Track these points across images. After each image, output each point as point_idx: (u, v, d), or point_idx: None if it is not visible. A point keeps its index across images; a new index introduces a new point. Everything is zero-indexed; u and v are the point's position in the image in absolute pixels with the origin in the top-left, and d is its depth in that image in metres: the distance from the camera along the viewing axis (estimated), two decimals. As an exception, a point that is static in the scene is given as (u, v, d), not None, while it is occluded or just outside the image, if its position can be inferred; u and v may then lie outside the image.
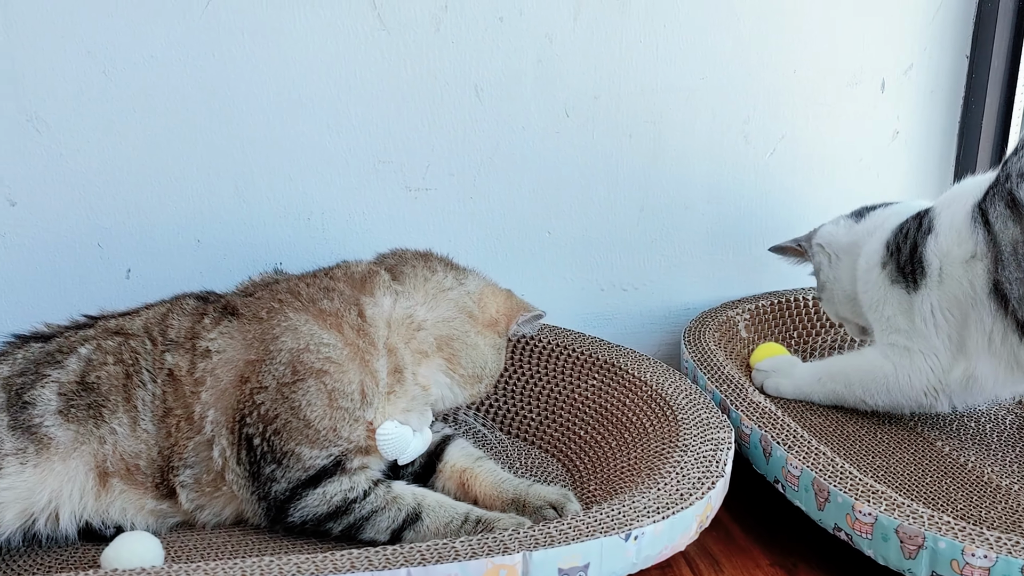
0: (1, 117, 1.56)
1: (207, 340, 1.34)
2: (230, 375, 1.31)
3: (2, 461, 1.25)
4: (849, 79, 1.98)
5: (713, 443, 1.36)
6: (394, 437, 1.34)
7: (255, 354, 1.32)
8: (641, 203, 1.91)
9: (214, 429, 1.31)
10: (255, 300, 1.39)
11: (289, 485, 1.29)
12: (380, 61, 1.72)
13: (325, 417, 1.29)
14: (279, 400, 1.29)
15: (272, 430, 1.29)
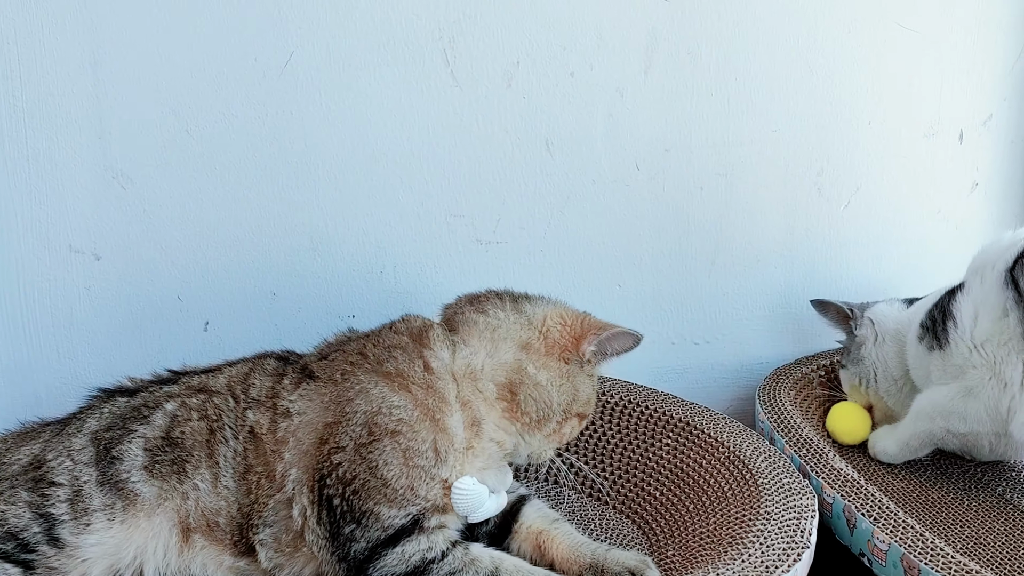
0: (89, 174, 1.61)
1: (287, 401, 1.36)
2: (310, 437, 1.33)
3: (91, 517, 1.28)
4: (926, 130, 1.96)
5: (796, 511, 1.34)
6: (469, 493, 1.33)
7: (332, 416, 1.33)
8: (712, 256, 1.91)
9: (295, 488, 1.32)
10: (330, 363, 1.40)
11: (368, 544, 1.29)
12: (452, 116, 1.74)
13: (402, 476, 1.30)
14: (357, 460, 1.30)
15: (351, 490, 1.30)
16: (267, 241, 1.71)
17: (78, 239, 1.64)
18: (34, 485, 1.31)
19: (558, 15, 1.74)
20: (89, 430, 1.36)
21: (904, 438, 1.63)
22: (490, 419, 1.39)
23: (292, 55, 1.65)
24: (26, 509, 1.29)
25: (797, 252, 1.95)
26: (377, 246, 1.75)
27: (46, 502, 1.29)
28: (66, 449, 1.34)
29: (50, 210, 1.62)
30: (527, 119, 1.78)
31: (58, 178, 1.61)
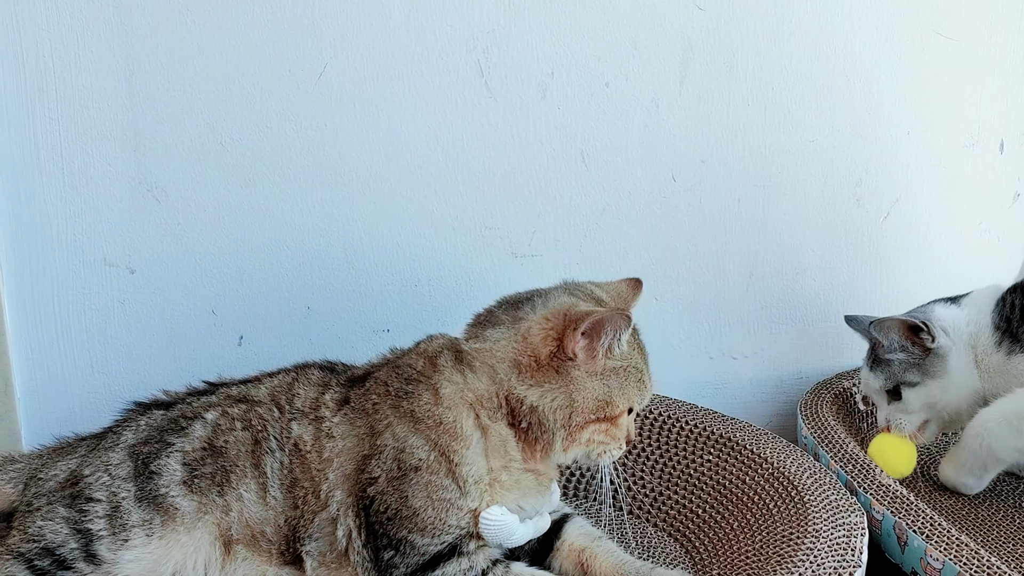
0: (123, 186, 1.62)
1: (330, 422, 1.35)
2: (351, 464, 1.32)
3: (129, 532, 1.27)
4: (966, 140, 1.94)
5: (846, 528, 1.32)
6: (497, 523, 1.29)
7: (367, 448, 1.32)
8: (751, 269, 1.89)
9: (339, 509, 1.31)
10: (364, 392, 1.37)
11: (408, 570, 1.29)
12: (487, 128, 1.74)
13: (428, 508, 1.28)
14: (389, 492, 1.30)
15: (387, 518, 1.30)
16: (301, 254, 1.70)
17: (113, 252, 1.64)
18: (71, 501, 1.30)
19: (592, 25, 1.73)
20: (126, 444, 1.35)
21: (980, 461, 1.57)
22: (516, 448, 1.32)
23: (326, 66, 1.65)
24: (63, 525, 1.28)
25: (836, 264, 1.93)
26: (412, 259, 1.74)
27: (84, 518, 1.28)
28: (103, 464, 1.33)
29: (85, 223, 1.62)
30: (562, 130, 1.77)
31: (93, 191, 1.61)
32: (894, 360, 1.63)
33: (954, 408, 1.62)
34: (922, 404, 1.62)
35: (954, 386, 1.61)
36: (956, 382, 1.61)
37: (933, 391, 1.61)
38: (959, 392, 1.61)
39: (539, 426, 1.28)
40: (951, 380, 1.61)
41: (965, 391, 1.61)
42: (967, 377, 1.61)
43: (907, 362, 1.62)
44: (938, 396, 1.61)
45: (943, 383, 1.61)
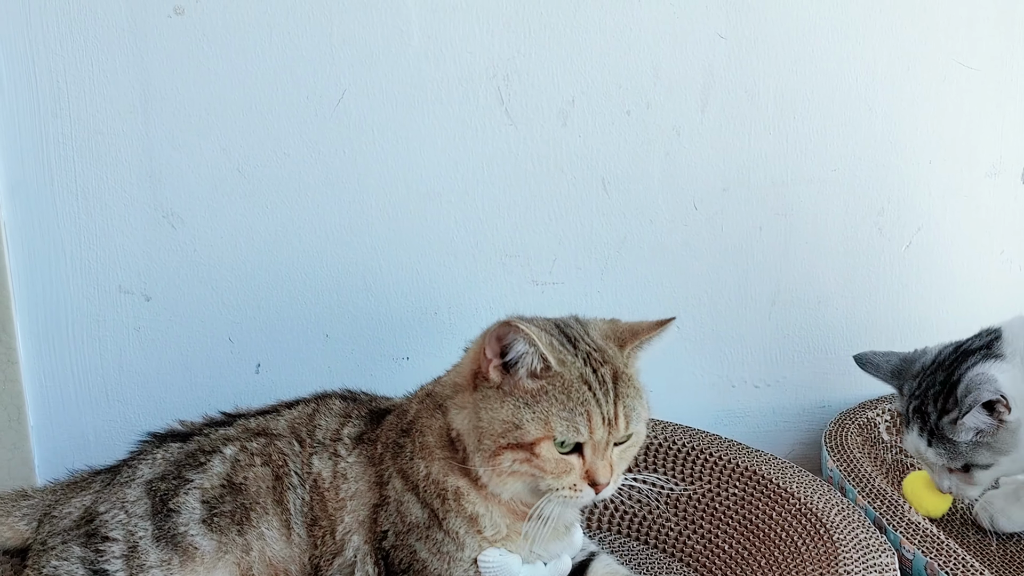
0: (139, 213, 1.61)
1: (346, 463, 1.33)
2: (365, 511, 1.31)
3: (147, 574, 1.25)
4: (988, 169, 1.94)
5: (877, 570, 1.30)
6: (496, 565, 1.27)
7: (376, 498, 1.31)
8: (772, 297, 1.88)
9: (356, 555, 1.30)
10: (373, 438, 1.35)
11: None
12: (507, 155, 1.73)
13: (435, 559, 1.27)
14: (400, 545, 1.29)
15: (401, 571, 1.29)
16: (319, 282, 1.69)
17: (128, 279, 1.62)
18: (87, 540, 1.28)
19: (614, 52, 1.72)
20: (143, 479, 1.33)
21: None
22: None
23: (345, 93, 1.64)
24: (79, 565, 1.26)
25: (858, 293, 1.91)
26: (431, 286, 1.73)
27: (100, 558, 1.26)
28: (119, 501, 1.31)
29: (99, 250, 1.61)
30: (583, 158, 1.76)
31: (107, 217, 1.60)
32: (960, 442, 1.47)
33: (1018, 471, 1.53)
34: (992, 479, 1.52)
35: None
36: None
37: (1005, 466, 1.49)
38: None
39: (464, 453, 1.24)
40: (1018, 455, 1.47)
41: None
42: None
43: (976, 443, 1.46)
44: (1008, 468, 1.50)
45: (1015, 456, 1.47)
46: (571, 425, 1.18)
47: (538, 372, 1.20)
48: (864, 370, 1.62)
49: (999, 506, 1.58)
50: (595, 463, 1.20)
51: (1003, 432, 1.44)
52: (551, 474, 1.20)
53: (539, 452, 1.19)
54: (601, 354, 1.25)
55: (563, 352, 1.22)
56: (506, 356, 1.20)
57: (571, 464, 1.20)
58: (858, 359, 1.62)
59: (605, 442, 1.21)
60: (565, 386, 1.20)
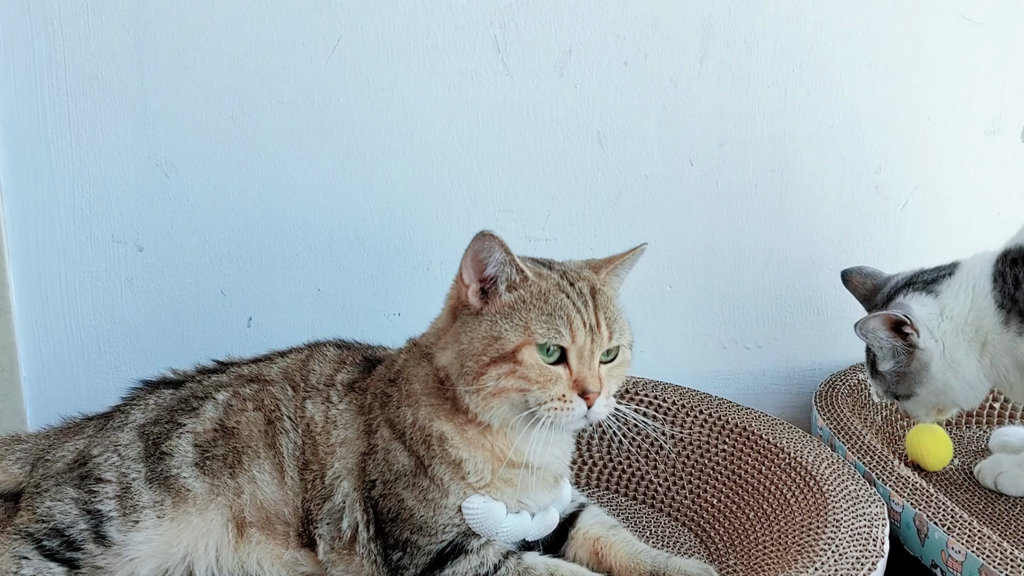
0: (133, 161, 1.61)
1: (336, 410, 1.35)
2: (354, 459, 1.33)
3: (140, 514, 1.27)
4: (987, 127, 1.94)
5: (867, 519, 1.32)
6: (480, 512, 1.29)
7: (365, 447, 1.33)
8: (766, 256, 1.88)
9: (345, 501, 1.31)
10: (364, 387, 1.37)
11: (418, 571, 1.29)
12: (503, 106, 1.72)
13: (420, 507, 1.29)
14: (388, 494, 1.30)
15: (389, 520, 1.30)
16: (312, 234, 1.69)
17: (121, 229, 1.63)
18: (80, 481, 1.30)
19: (612, 2, 1.72)
20: (135, 424, 1.35)
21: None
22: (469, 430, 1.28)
23: (340, 40, 1.63)
24: (73, 506, 1.28)
25: (852, 253, 1.91)
26: (424, 241, 1.74)
27: (93, 498, 1.28)
28: (112, 444, 1.33)
29: (93, 198, 1.61)
30: (579, 110, 1.75)
31: (101, 164, 1.60)
32: (885, 372, 1.58)
33: (959, 403, 1.57)
34: (925, 407, 1.58)
35: (947, 387, 1.54)
36: (947, 382, 1.54)
37: (927, 398, 1.56)
38: (955, 389, 1.54)
39: (453, 389, 1.25)
40: (939, 382, 1.54)
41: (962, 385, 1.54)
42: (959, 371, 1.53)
43: (896, 372, 1.56)
44: (933, 401, 1.56)
45: (932, 387, 1.54)
46: (551, 327, 1.20)
47: (516, 283, 1.23)
48: (845, 286, 1.70)
49: (1006, 468, 1.59)
50: (583, 371, 1.22)
51: (915, 363, 1.53)
52: (537, 384, 1.20)
53: (522, 359, 1.20)
54: (576, 273, 1.28)
55: (538, 267, 1.27)
56: (484, 273, 1.23)
57: (557, 373, 1.21)
58: (843, 274, 1.70)
59: (590, 350, 1.22)
60: (542, 293, 1.23)
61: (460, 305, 1.27)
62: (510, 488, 1.30)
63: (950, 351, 1.53)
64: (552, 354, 1.22)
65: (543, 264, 1.30)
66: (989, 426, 1.82)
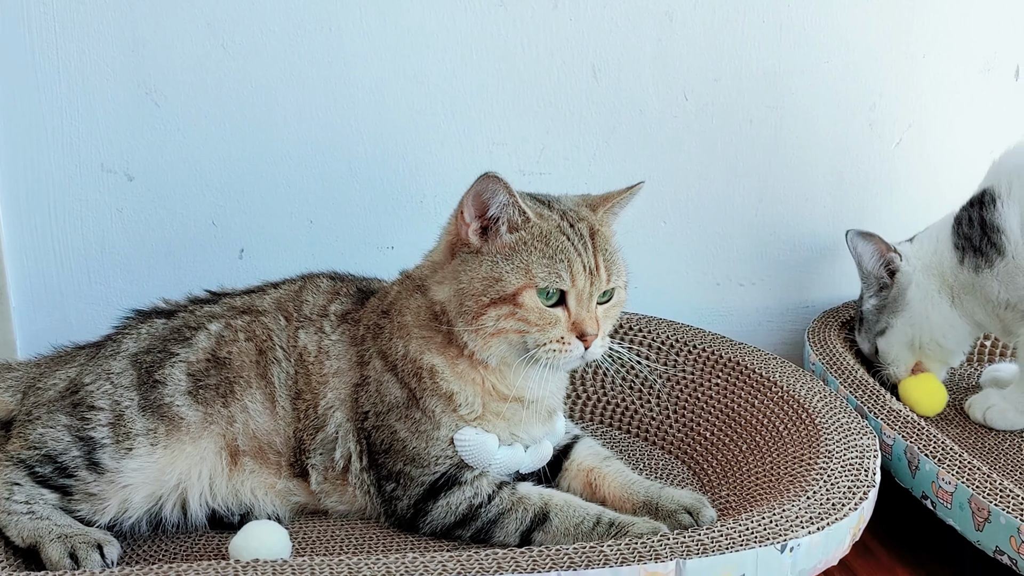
0: (122, 89, 1.56)
1: (329, 340, 1.33)
2: (346, 390, 1.32)
3: (133, 441, 1.25)
4: (982, 65, 1.90)
5: (858, 450, 1.32)
6: (472, 445, 1.28)
7: (357, 378, 1.32)
8: (760, 193, 1.86)
9: (338, 431, 1.31)
10: (357, 319, 1.36)
11: (411, 502, 1.29)
12: (496, 38, 1.68)
13: (413, 439, 1.28)
14: (380, 427, 1.30)
15: (383, 451, 1.30)
16: (304, 166, 1.66)
17: (110, 158, 1.59)
18: (73, 409, 1.28)
19: (607, -67, 1.67)
20: (128, 352, 1.33)
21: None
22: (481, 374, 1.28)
23: (332, -32, 1.58)
24: (65, 432, 1.26)
25: (846, 191, 1.90)
26: (417, 173, 1.70)
27: (86, 425, 1.27)
28: (105, 372, 1.31)
29: (81, 126, 1.57)
30: (574, 43, 1.71)
31: (90, 92, 1.56)
32: (867, 311, 1.67)
33: (936, 341, 1.64)
34: (900, 345, 1.65)
35: (921, 317, 1.63)
36: (921, 313, 1.63)
37: (903, 329, 1.64)
38: (930, 323, 1.63)
39: (448, 324, 1.24)
40: (915, 312, 1.63)
41: (936, 320, 1.63)
42: (934, 306, 1.63)
43: (878, 307, 1.66)
44: (908, 333, 1.64)
45: (907, 317, 1.64)
46: (552, 271, 1.20)
47: (518, 224, 1.21)
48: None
49: (995, 402, 1.60)
50: (581, 314, 1.22)
51: (895, 290, 1.64)
52: (536, 326, 1.21)
53: (522, 302, 1.20)
54: (575, 213, 1.27)
55: (540, 207, 1.25)
56: (485, 214, 1.22)
57: (556, 316, 1.21)
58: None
59: (589, 293, 1.22)
60: (543, 235, 1.22)
61: (459, 243, 1.25)
62: (502, 421, 1.30)
63: (924, 285, 1.63)
64: (552, 297, 1.21)
65: (543, 203, 1.28)
66: (980, 364, 1.81)
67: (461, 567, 1.08)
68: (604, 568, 1.07)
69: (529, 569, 1.07)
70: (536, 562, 1.09)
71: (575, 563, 1.08)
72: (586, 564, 1.08)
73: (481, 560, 1.09)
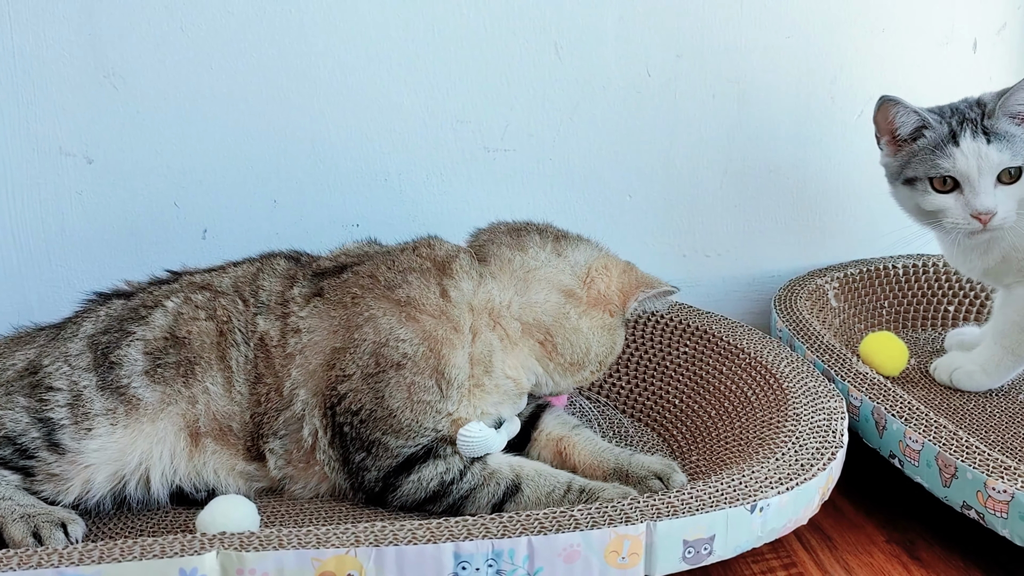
0: (79, 73, 1.50)
1: (297, 317, 1.29)
2: (318, 359, 1.27)
3: (92, 421, 1.21)
4: (940, 39, 1.89)
5: (826, 412, 1.29)
6: (476, 440, 1.26)
7: (340, 341, 1.27)
8: (725, 166, 1.83)
9: (304, 408, 1.26)
10: (342, 283, 1.31)
11: (380, 474, 1.24)
12: (458, 16, 1.64)
13: (407, 409, 1.24)
14: (364, 390, 1.24)
15: (359, 419, 1.24)
16: (267, 146, 1.60)
17: (69, 141, 1.53)
18: (31, 391, 1.23)
19: (567, -90, 1.63)
20: (85, 334, 1.28)
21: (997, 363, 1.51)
22: (508, 356, 1.30)
23: (291, -52, 1.54)
24: (24, 414, 1.21)
25: (809, 163, 1.87)
26: (381, 152, 1.66)
27: (44, 407, 1.22)
28: (63, 354, 1.26)
29: (39, 110, 1.51)
30: (535, 21, 1.68)
31: (46, 76, 1.49)
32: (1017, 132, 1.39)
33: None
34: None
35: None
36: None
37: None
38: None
39: (581, 351, 1.31)
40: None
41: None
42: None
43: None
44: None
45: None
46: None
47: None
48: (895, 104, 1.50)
49: (960, 364, 1.56)
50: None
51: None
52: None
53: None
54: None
55: None
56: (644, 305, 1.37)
57: None
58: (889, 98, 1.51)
59: None
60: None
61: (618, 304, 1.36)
62: (494, 395, 1.29)
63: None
64: None
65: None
66: (944, 328, 1.79)
67: (431, 535, 1.04)
68: (575, 532, 1.04)
69: (500, 535, 1.04)
70: (507, 528, 1.05)
71: (546, 528, 1.04)
72: (557, 528, 1.04)
73: (451, 527, 1.05)
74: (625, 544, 1.03)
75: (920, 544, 1.32)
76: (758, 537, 1.11)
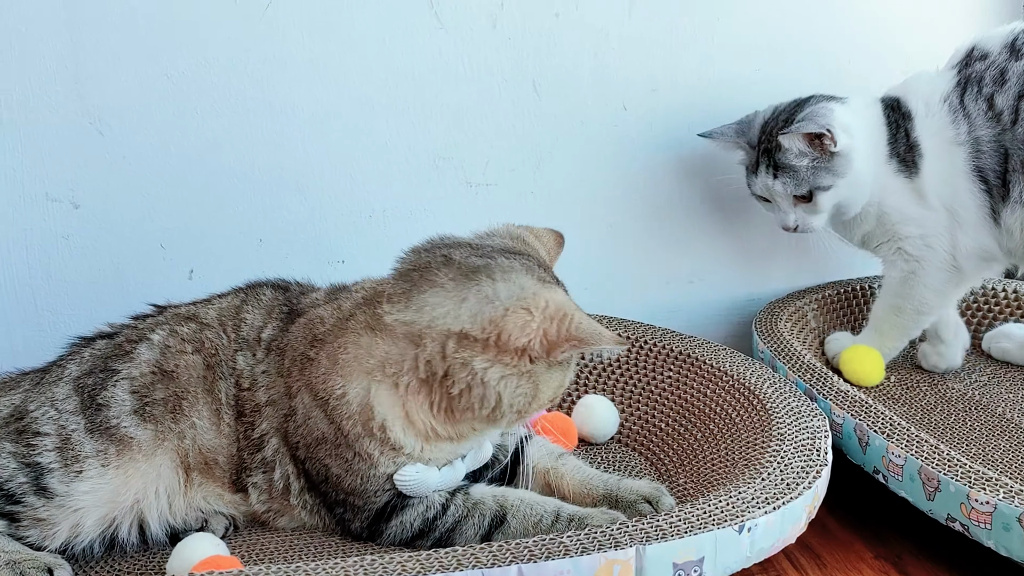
0: (66, 119, 1.49)
1: (260, 367, 1.24)
2: (278, 419, 1.23)
3: (82, 464, 1.16)
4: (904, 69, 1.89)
5: (810, 431, 1.26)
6: (413, 482, 1.18)
7: (286, 408, 1.22)
8: (703, 195, 1.82)
9: (275, 455, 1.22)
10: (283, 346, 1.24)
11: (364, 524, 1.21)
12: (438, 59, 1.64)
13: (347, 476, 1.18)
14: (311, 458, 1.20)
15: (322, 480, 1.20)
16: (252, 187, 1.59)
17: (55, 187, 1.51)
18: (18, 436, 1.19)
19: (541, -47, 1.64)
20: (71, 377, 1.24)
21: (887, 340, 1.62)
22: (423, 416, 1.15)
23: None
24: (11, 460, 1.17)
25: (782, 190, 1.87)
26: (365, 190, 1.64)
27: (32, 452, 1.17)
28: (48, 399, 1.21)
29: (25, 158, 1.49)
30: (513, 61, 1.68)
31: (32, 123, 1.48)
32: (801, 167, 1.54)
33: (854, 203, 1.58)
34: (832, 204, 1.57)
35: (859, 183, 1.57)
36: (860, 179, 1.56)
37: (843, 189, 1.55)
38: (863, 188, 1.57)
39: (489, 403, 1.11)
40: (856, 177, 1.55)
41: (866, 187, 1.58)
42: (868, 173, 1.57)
43: (815, 167, 1.53)
44: (846, 194, 1.56)
45: (850, 179, 1.55)
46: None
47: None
48: (712, 139, 1.66)
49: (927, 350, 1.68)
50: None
51: (839, 159, 1.53)
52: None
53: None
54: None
55: None
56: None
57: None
58: (703, 135, 1.68)
59: None
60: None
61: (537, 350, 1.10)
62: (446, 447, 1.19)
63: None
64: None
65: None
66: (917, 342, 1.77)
67: (421, 567, 1.00)
68: (565, 559, 1.00)
69: (490, 564, 1.00)
70: (497, 557, 1.01)
71: (535, 555, 1.01)
72: (546, 556, 1.01)
73: (441, 559, 1.01)
74: (615, 569, 1.00)
75: (907, 559, 1.29)
76: (747, 558, 1.08)
